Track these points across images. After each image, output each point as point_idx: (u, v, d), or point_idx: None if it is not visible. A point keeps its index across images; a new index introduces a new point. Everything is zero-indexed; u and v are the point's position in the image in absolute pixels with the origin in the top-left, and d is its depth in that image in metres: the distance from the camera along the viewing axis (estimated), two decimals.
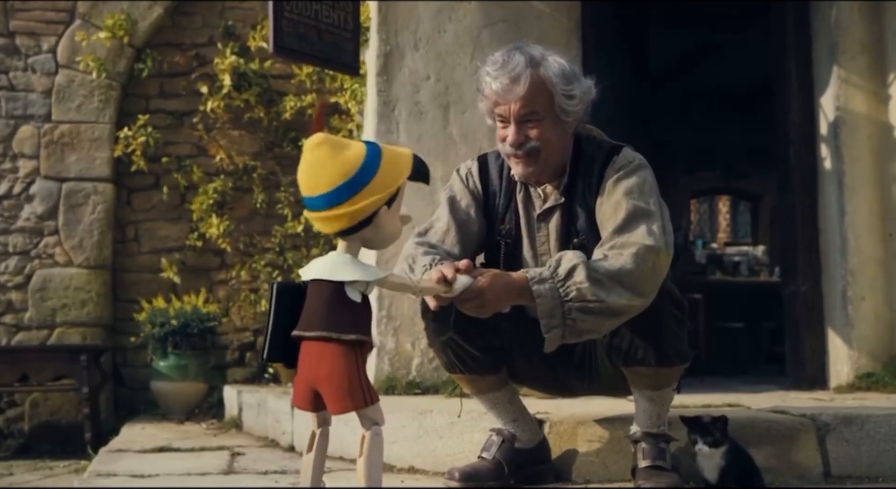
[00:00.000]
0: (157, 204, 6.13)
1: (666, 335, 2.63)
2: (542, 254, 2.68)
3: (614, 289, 2.37)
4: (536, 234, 2.68)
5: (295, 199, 6.00)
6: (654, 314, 2.56)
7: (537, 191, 2.67)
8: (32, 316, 5.86)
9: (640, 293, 2.41)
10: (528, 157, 2.57)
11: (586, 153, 2.65)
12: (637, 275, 2.39)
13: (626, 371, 2.72)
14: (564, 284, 2.35)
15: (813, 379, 4.68)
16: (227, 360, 6.07)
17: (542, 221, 2.66)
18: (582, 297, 2.34)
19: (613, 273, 2.38)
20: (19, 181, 5.97)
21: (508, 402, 2.90)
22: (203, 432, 4.62)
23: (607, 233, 2.49)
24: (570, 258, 2.39)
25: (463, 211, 2.73)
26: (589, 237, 2.58)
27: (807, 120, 4.86)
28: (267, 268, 5.93)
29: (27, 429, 5.78)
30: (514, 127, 2.55)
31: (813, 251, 4.81)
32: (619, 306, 2.38)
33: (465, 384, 2.86)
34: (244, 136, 6.18)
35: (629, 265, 2.39)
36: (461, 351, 2.70)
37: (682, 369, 2.73)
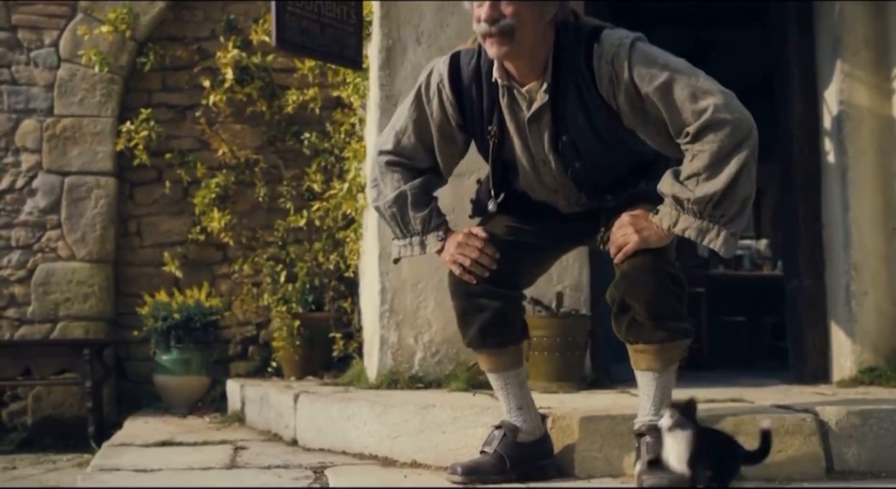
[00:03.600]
0: (160, 198, 6.13)
1: (668, 311, 2.68)
2: (537, 152, 2.71)
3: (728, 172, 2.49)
4: (528, 135, 2.69)
5: (297, 193, 6.00)
6: (657, 291, 2.63)
7: (522, 92, 2.66)
8: (35, 310, 5.86)
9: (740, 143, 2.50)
10: (502, 35, 2.55)
11: (566, 44, 2.64)
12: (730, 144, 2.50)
13: (631, 349, 2.77)
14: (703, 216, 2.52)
15: (816, 373, 4.67)
16: (229, 354, 6.07)
17: (532, 123, 2.67)
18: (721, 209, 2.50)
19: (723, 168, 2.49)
20: (22, 175, 5.97)
21: (519, 387, 2.96)
22: (206, 426, 4.63)
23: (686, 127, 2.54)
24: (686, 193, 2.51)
25: (437, 133, 2.81)
26: (581, 132, 2.63)
27: (810, 115, 4.85)
28: (269, 262, 5.92)
29: (30, 423, 5.78)
30: (488, 3, 2.54)
31: (816, 246, 4.80)
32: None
33: (486, 359, 2.94)
34: (246, 130, 6.16)
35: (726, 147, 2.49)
36: (491, 319, 2.80)
37: (685, 345, 2.77)
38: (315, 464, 3.28)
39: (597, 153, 2.68)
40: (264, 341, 5.99)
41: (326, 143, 5.93)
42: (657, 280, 2.63)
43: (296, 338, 5.42)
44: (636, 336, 2.73)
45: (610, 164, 2.72)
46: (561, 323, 4.19)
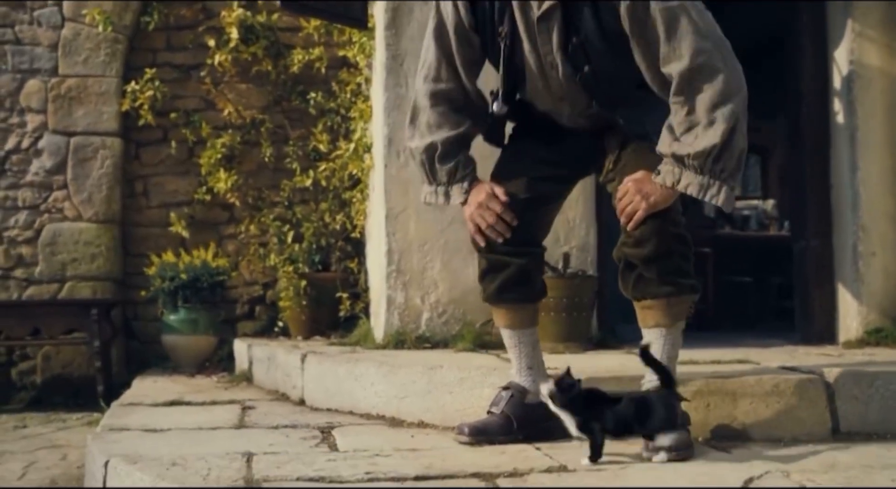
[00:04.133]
0: (165, 158, 6.11)
1: (674, 267, 2.72)
2: (545, 54, 2.72)
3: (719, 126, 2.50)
4: (538, 36, 2.69)
5: (303, 153, 5.98)
6: (663, 248, 2.68)
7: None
8: (43, 270, 5.88)
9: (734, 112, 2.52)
10: None
11: None
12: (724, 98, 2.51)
13: (638, 306, 2.79)
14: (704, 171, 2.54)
15: (822, 334, 4.68)
16: (236, 314, 6.09)
17: (542, 23, 2.67)
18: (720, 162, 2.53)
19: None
20: (27, 136, 5.95)
21: (532, 347, 2.99)
22: (214, 386, 4.65)
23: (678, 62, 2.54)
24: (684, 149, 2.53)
25: (454, 37, 2.81)
26: (591, 35, 2.63)
27: (819, 74, 4.81)
28: (276, 223, 5.92)
29: (39, 382, 5.82)
30: None
31: (824, 206, 4.79)
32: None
33: (503, 314, 2.97)
34: (252, 90, 6.13)
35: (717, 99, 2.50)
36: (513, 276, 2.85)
37: (691, 301, 2.79)
38: (323, 424, 3.30)
39: (606, 58, 2.67)
40: (271, 301, 6.01)
41: (332, 103, 5.90)
42: (663, 238, 2.66)
43: (302, 298, 5.43)
44: (643, 292, 2.75)
45: (617, 71, 2.70)
46: (568, 283, 4.19)
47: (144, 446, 2.86)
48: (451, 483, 2.30)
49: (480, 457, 2.63)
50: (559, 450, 2.71)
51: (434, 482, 2.31)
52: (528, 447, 2.79)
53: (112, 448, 2.82)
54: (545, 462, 2.56)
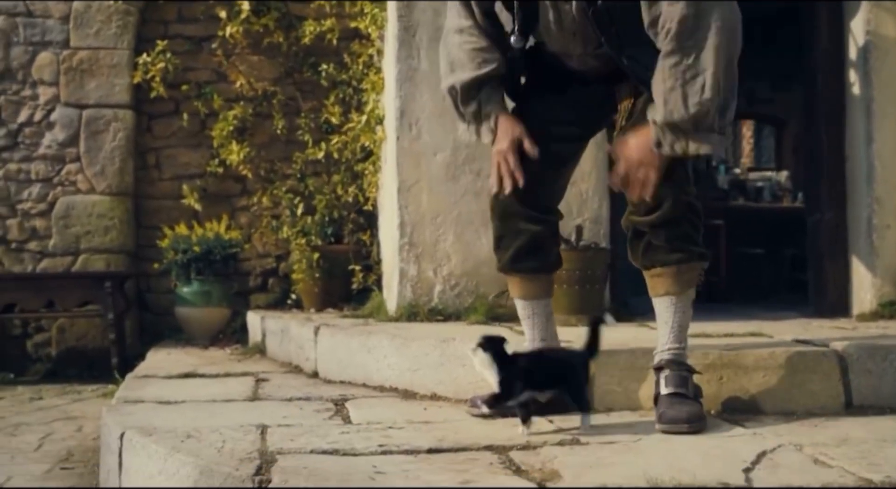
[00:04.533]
0: (178, 131, 6.11)
1: (683, 234, 2.72)
2: (565, 14, 2.72)
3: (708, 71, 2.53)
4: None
5: (315, 125, 5.97)
6: (671, 214, 2.67)
7: None
8: (56, 243, 5.90)
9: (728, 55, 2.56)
10: None
11: None
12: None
13: (648, 275, 2.79)
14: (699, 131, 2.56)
15: (835, 307, 4.67)
16: (249, 286, 6.11)
17: None
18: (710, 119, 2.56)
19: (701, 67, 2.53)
20: (39, 108, 5.95)
21: (546, 318, 3.00)
22: (227, 358, 4.67)
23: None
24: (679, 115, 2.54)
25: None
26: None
27: (835, 45, 4.77)
28: (288, 195, 5.92)
29: (54, 354, 5.86)
30: None
31: (838, 179, 4.76)
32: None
33: (518, 284, 2.97)
34: (263, 62, 6.11)
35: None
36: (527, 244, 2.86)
37: (700, 268, 2.79)
38: (336, 396, 3.32)
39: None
40: (284, 273, 6.02)
41: (344, 75, 5.88)
42: (672, 205, 2.65)
43: (315, 271, 5.44)
44: (652, 259, 2.75)
45: (628, 9, 2.67)
46: (580, 256, 4.18)
47: (159, 418, 2.88)
48: (465, 456, 2.31)
49: (493, 430, 2.64)
50: (572, 425, 2.71)
51: (447, 455, 2.32)
52: (540, 420, 2.80)
53: (127, 420, 2.84)
54: (558, 434, 2.56)
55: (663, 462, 2.20)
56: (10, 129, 5.93)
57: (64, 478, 3.07)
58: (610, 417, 2.86)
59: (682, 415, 2.59)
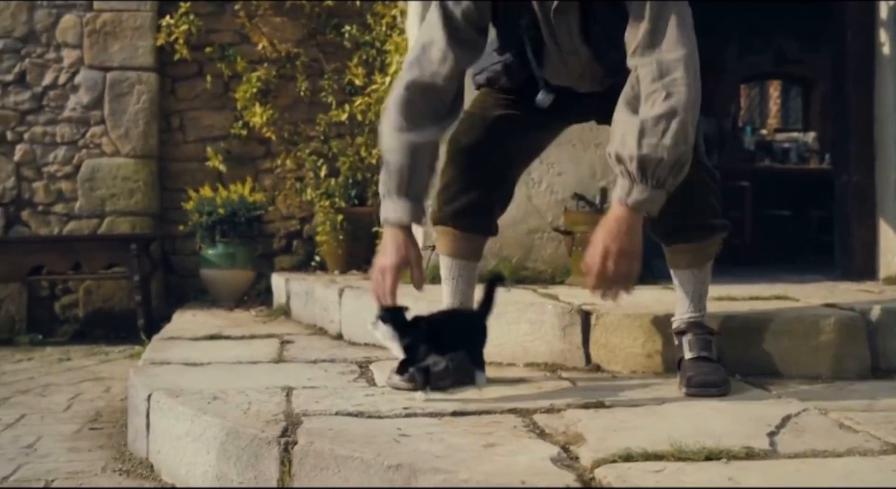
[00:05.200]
0: (201, 93, 6.11)
1: (705, 207, 2.67)
2: (564, 44, 2.61)
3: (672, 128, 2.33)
4: (555, 26, 2.58)
5: (339, 87, 5.95)
6: (691, 188, 2.58)
7: None
8: (82, 205, 5.93)
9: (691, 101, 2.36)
10: None
11: None
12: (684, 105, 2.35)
13: (668, 249, 2.75)
14: (649, 179, 2.32)
15: (862, 270, 4.64)
16: (273, 248, 6.13)
17: (559, 16, 2.55)
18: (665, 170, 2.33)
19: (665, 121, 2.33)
20: (64, 71, 5.97)
21: (468, 284, 2.89)
22: (252, 319, 4.70)
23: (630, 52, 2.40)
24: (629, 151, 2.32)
25: (466, 22, 2.57)
26: (610, 21, 2.48)
27: (865, 3, 4.69)
28: (312, 157, 5.92)
29: (82, 316, 5.92)
30: None
31: (866, 140, 4.70)
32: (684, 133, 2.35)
33: (450, 239, 2.85)
34: (286, 23, 6.09)
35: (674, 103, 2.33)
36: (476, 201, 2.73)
37: (721, 238, 2.74)
38: (360, 358, 3.33)
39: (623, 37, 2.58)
40: (308, 235, 6.04)
41: (367, 36, 5.84)
42: (690, 178, 2.58)
43: (339, 233, 5.45)
44: (673, 237, 2.71)
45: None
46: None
47: (185, 380, 2.90)
48: (488, 419, 2.32)
49: (516, 392, 2.64)
50: (596, 388, 2.72)
51: (471, 418, 2.33)
52: (564, 383, 2.81)
53: (154, 382, 2.87)
54: (582, 398, 2.56)
55: (688, 425, 2.20)
56: (35, 92, 5.95)
57: (93, 438, 3.11)
58: (633, 380, 2.86)
59: (707, 379, 2.59)
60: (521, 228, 4.41)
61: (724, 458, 1.91)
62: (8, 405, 3.68)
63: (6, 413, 3.51)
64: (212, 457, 2.32)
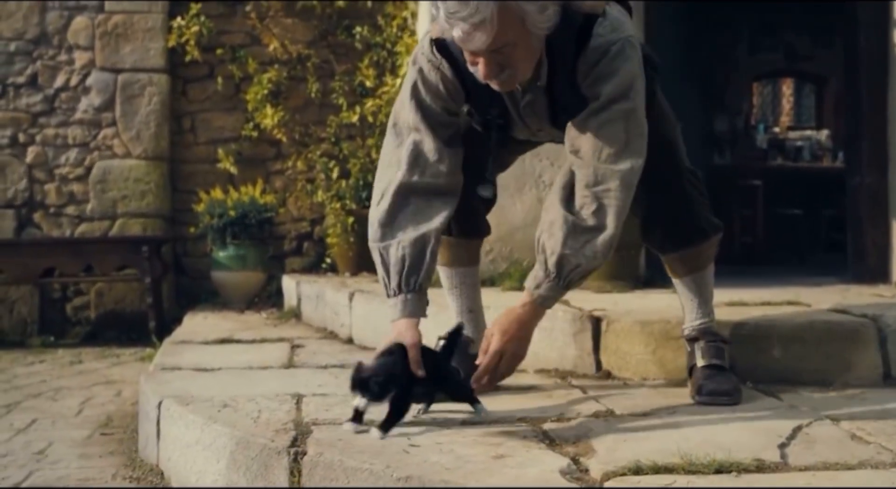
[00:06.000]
0: (212, 94, 6.12)
1: (692, 215, 2.65)
2: (538, 130, 2.61)
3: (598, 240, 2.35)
4: (525, 117, 2.55)
5: (350, 88, 5.94)
6: (680, 197, 2.61)
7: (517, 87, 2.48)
8: (94, 207, 5.95)
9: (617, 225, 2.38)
10: (504, 82, 2.35)
11: (558, 39, 2.37)
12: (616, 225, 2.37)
13: (666, 259, 2.76)
14: (561, 279, 2.36)
15: (875, 273, 4.61)
16: (284, 250, 6.14)
17: (528, 108, 2.52)
18: (577, 275, 2.38)
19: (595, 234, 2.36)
20: (76, 73, 5.98)
21: (473, 287, 2.89)
22: (263, 322, 4.70)
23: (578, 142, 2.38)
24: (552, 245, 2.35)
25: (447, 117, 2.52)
26: (573, 108, 2.42)
27: (878, 2, 4.66)
28: (322, 159, 5.92)
29: (93, 317, 5.94)
30: (484, 60, 2.28)
31: (880, 142, 4.67)
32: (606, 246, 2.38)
33: (449, 250, 2.79)
34: (297, 25, 6.09)
35: (608, 229, 2.35)
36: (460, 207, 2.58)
37: (717, 240, 2.74)
38: None
39: None
40: (319, 237, 6.04)
41: (378, 37, 5.84)
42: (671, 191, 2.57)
43: (350, 235, 5.45)
44: (666, 246, 2.71)
45: None
46: None
47: (196, 386, 2.91)
48: (498, 429, 2.31)
49: (527, 402, 2.63)
50: (606, 396, 2.71)
51: (481, 428, 2.32)
52: (574, 391, 2.80)
53: (164, 388, 2.87)
54: (592, 406, 2.56)
55: (698, 436, 2.19)
56: (47, 94, 5.96)
57: (104, 443, 3.12)
58: (644, 387, 2.85)
59: (720, 387, 2.58)
60: (532, 231, 4.35)
61: (734, 472, 1.90)
62: (20, 409, 3.69)
63: (18, 417, 3.53)
64: (222, 466, 2.32)
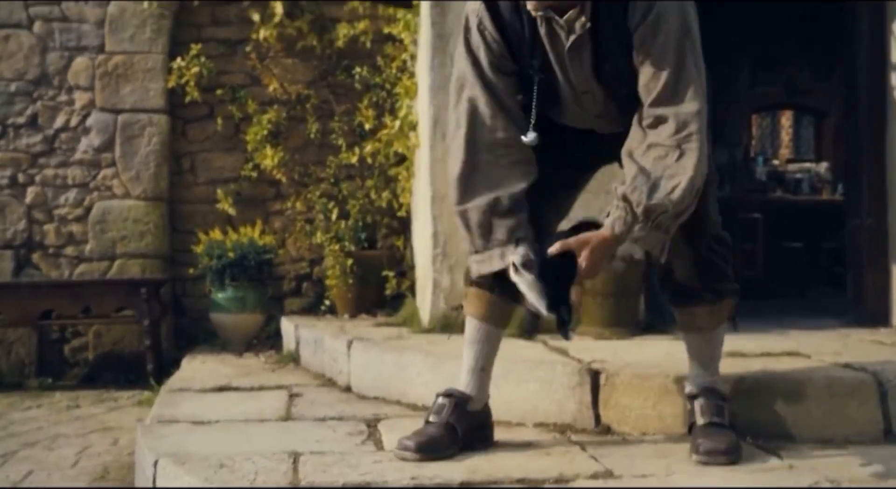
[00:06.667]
0: (212, 135, 6.12)
1: (713, 273, 2.67)
2: (579, 83, 2.62)
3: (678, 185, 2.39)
4: (568, 65, 2.59)
5: (349, 128, 5.95)
6: (701, 254, 2.63)
7: (560, 23, 2.53)
8: (93, 248, 5.94)
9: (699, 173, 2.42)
10: None
11: None
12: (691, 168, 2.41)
13: (678, 312, 2.76)
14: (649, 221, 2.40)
15: (875, 316, 4.61)
16: (283, 291, 6.11)
17: (572, 52, 2.56)
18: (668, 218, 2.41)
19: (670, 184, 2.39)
20: (76, 114, 5.99)
21: (492, 349, 2.85)
22: (262, 367, 4.68)
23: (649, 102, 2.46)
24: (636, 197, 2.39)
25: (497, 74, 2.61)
26: (620, 62, 2.52)
27: (877, 46, 4.68)
28: (322, 199, 5.91)
29: (91, 359, 5.90)
30: None
31: (879, 184, 4.69)
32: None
33: (480, 302, 2.78)
34: (297, 65, 6.10)
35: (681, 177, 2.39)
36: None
37: (732, 304, 2.74)
38: (369, 415, 3.31)
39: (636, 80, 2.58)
40: (318, 278, 6.02)
41: (378, 78, 5.85)
42: (699, 246, 2.59)
43: (349, 276, 5.43)
44: (682, 299, 2.71)
45: None
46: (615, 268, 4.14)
47: (193, 441, 2.89)
48: None
49: (525, 461, 2.62)
50: (605, 454, 2.69)
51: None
52: (573, 448, 2.78)
53: (161, 444, 2.86)
54: (591, 466, 2.54)
55: None
56: (47, 134, 5.97)
57: None
58: (644, 444, 2.84)
59: (719, 447, 2.56)
60: None
61: None
62: (16, 460, 3.67)
63: (14, 469, 3.51)
64: None
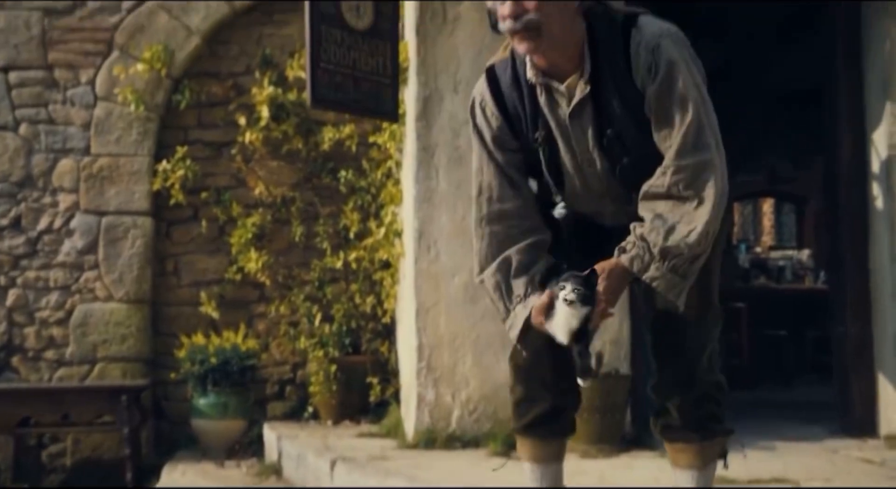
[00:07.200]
0: (196, 237, 6.10)
1: (707, 414, 2.63)
2: (581, 152, 2.58)
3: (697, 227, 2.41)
4: (571, 133, 2.56)
5: (334, 231, 5.94)
6: (696, 391, 2.59)
7: (560, 89, 2.52)
8: (74, 351, 5.87)
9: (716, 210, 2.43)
10: (528, 31, 2.41)
11: (599, 32, 2.50)
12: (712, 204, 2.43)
13: (669, 447, 2.71)
14: (665, 261, 2.41)
15: (862, 424, 4.59)
16: (266, 394, 6.03)
17: (574, 119, 2.54)
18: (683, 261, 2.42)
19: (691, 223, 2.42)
20: (59, 215, 5.97)
21: (554, 483, 2.79)
22: (243, 478, 4.62)
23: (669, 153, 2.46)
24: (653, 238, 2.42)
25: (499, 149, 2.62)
26: (623, 124, 2.51)
27: (857, 156, 4.75)
28: (306, 303, 5.88)
29: (69, 465, 5.78)
30: (510, 0, 2.41)
31: (862, 292, 4.71)
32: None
33: (529, 447, 2.77)
34: (283, 167, 6.11)
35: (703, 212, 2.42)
36: (546, 411, 2.67)
37: (724, 441, 2.70)
38: None
39: (640, 144, 2.54)
40: (301, 381, 5.96)
41: (363, 181, 5.87)
42: (694, 389, 2.57)
43: (333, 383, 5.39)
44: (673, 435, 2.68)
45: (653, 154, 2.61)
46: (601, 384, 4.12)
47: None
48: None
49: None
50: None
51: None
52: None
53: None
54: None
55: None
56: (30, 236, 5.94)
57: None
58: None
59: None
60: None
61: None
62: None
63: None
64: None
